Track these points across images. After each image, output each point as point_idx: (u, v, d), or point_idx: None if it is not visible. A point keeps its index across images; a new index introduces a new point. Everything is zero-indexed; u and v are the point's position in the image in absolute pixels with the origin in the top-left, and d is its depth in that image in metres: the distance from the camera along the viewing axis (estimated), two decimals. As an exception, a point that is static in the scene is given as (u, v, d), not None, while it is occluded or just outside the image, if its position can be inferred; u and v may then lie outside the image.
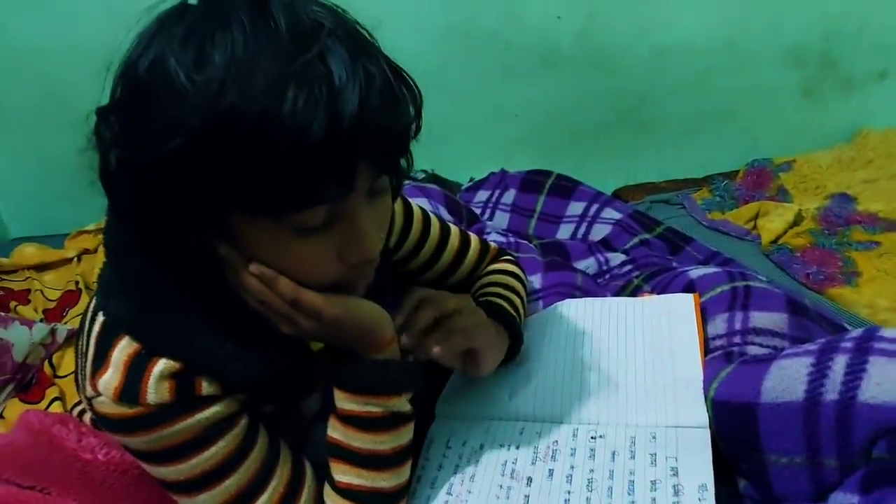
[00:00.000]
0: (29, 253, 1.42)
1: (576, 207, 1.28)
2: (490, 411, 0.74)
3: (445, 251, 0.80)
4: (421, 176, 1.69)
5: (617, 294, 0.96)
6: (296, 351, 0.59)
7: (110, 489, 0.65)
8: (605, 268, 1.08)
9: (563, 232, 1.26)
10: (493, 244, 0.89)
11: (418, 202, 0.92)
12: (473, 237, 0.86)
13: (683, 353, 0.72)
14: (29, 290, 1.36)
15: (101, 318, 0.54)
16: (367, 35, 0.50)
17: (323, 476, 0.60)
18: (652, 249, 1.17)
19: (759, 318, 0.73)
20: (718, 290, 0.79)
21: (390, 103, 0.46)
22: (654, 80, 1.74)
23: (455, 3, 1.61)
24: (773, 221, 1.39)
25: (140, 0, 0.48)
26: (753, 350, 0.70)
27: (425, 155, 1.78)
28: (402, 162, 0.54)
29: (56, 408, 1.05)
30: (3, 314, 1.19)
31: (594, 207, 1.27)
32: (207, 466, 0.54)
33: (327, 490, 0.59)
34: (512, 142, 1.79)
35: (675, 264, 1.05)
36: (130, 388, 0.51)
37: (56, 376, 1.13)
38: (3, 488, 0.61)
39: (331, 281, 0.52)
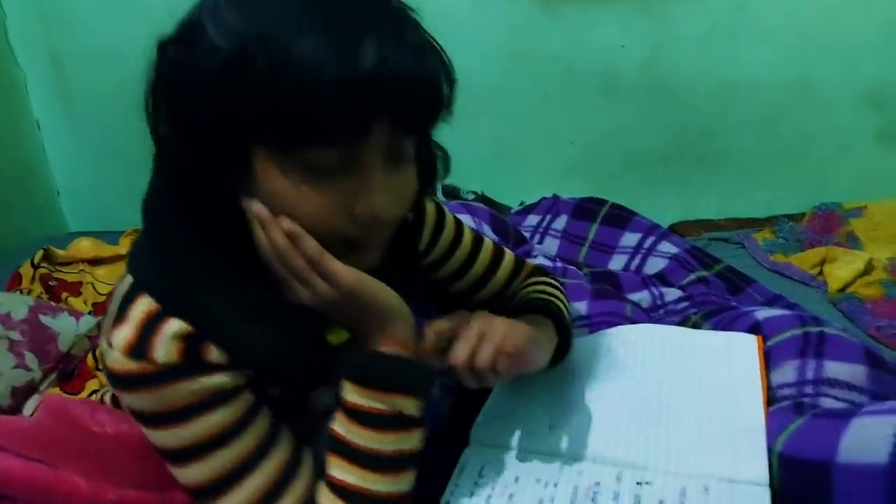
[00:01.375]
0: (84, 246, 1.45)
1: (630, 238, 1.23)
2: (528, 442, 0.70)
3: (477, 261, 0.78)
4: (471, 197, 1.68)
5: (671, 330, 0.91)
6: (310, 337, 0.58)
7: (116, 462, 0.66)
8: (659, 302, 1.03)
9: (616, 263, 1.21)
10: (530, 262, 0.85)
11: (461, 217, 0.90)
12: (509, 252, 0.83)
13: (744, 398, 0.67)
14: (81, 283, 1.39)
15: (128, 279, 0.56)
16: (408, 9, 0.53)
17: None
18: (710, 287, 1.11)
19: (835, 369, 0.67)
20: (788, 333, 0.73)
21: (415, 61, 0.48)
22: (720, 114, 1.68)
23: (520, 26, 1.60)
24: (842, 269, 1.30)
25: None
26: (828, 403, 0.64)
27: (476, 176, 1.78)
28: (433, 149, 0.58)
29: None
30: (53, 304, 1.21)
31: (649, 240, 1.22)
32: (203, 435, 0.53)
33: (320, 485, 0.57)
34: (566, 168, 1.76)
35: (735, 304, 0.99)
36: (141, 343, 0.52)
37: (97, 369, 1.14)
38: (11, 461, 0.63)
39: (337, 234, 0.52)
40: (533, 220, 1.37)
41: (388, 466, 0.56)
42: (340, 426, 0.57)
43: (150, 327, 0.52)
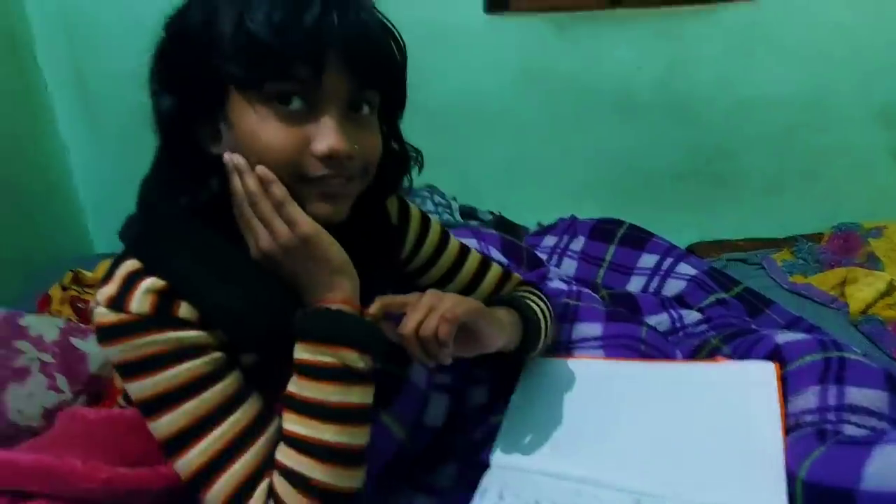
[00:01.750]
0: (110, 268, 1.48)
1: (648, 260, 1.24)
2: (547, 466, 0.70)
3: (462, 269, 0.83)
4: (488, 217, 1.69)
5: (692, 353, 0.92)
6: (276, 301, 0.62)
7: (103, 440, 0.76)
8: (678, 325, 1.03)
9: (634, 284, 1.22)
10: (517, 275, 0.89)
11: (467, 242, 0.92)
12: (496, 265, 0.87)
13: (762, 426, 0.67)
14: (107, 304, 1.42)
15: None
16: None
17: None
18: (729, 309, 1.11)
19: (856, 395, 0.67)
20: (808, 359, 0.73)
21: (354, 19, 0.56)
22: (735, 133, 1.69)
23: (534, 47, 1.62)
24: (863, 290, 1.30)
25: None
26: (850, 430, 0.64)
27: (491, 196, 1.80)
28: (405, 145, 0.68)
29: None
30: (82, 326, 1.24)
31: (668, 261, 1.22)
32: (171, 385, 0.58)
33: (280, 444, 0.60)
34: (582, 187, 1.77)
35: (755, 327, 0.99)
36: (120, 297, 0.58)
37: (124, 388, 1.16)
38: (20, 455, 0.72)
39: (302, 171, 0.58)
40: (550, 241, 1.37)
41: (336, 417, 0.59)
42: (292, 384, 0.61)
43: (130, 283, 0.58)
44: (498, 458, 0.73)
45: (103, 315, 0.58)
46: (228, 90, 0.58)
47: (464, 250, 0.84)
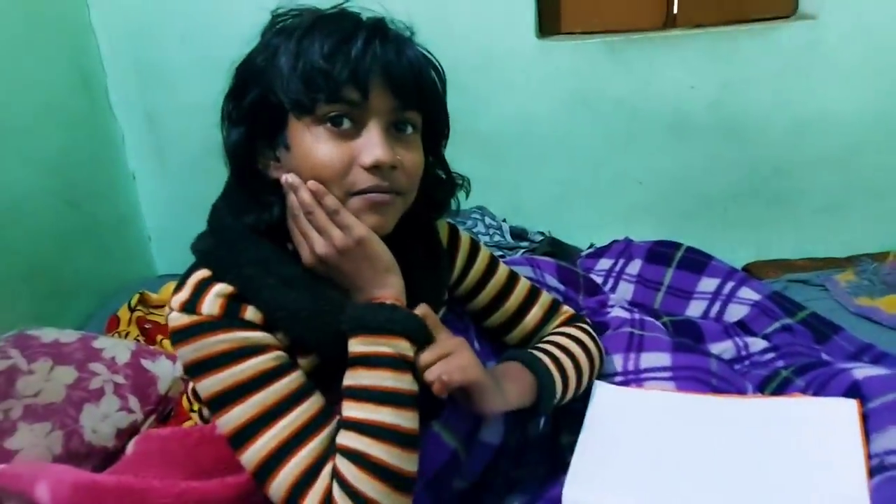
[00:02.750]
0: (174, 290, 1.54)
1: (708, 284, 1.22)
2: (622, 503, 0.70)
3: (509, 299, 0.86)
4: (539, 238, 1.69)
5: (761, 384, 0.90)
6: (336, 306, 0.67)
7: (177, 455, 0.81)
8: (744, 353, 1.01)
9: (694, 309, 1.20)
10: (568, 308, 0.90)
11: (521, 271, 0.93)
12: (546, 295, 0.89)
13: (844, 467, 0.65)
14: (171, 325, 1.47)
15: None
16: (402, 30, 0.69)
17: None
18: (795, 336, 1.08)
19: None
20: (892, 396, 0.71)
21: (395, 51, 0.64)
22: (794, 152, 1.66)
23: (585, 70, 1.63)
24: (935, 313, 1.25)
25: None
26: (939, 471, 0.62)
27: (543, 217, 1.80)
28: (450, 171, 0.75)
29: (189, 440, 1.11)
30: (151, 347, 1.29)
31: (729, 285, 1.20)
32: (237, 380, 0.63)
33: (340, 430, 0.65)
34: (634, 208, 1.76)
35: (824, 356, 0.96)
36: (192, 301, 0.65)
37: (192, 410, 1.20)
38: (104, 476, 0.77)
39: (352, 183, 0.64)
40: (605, 264, 1.36)
41: (390, 400, 0.63)
42: (347, 378, 0.65)
43: (201, 289, 0.65)
44: (570, 493, 0.72)
45: (177, 319, 0.65)
46: (287, 118, 0.66)
47: (512, 278, 0.88)
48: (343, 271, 0.66)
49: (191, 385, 1.23)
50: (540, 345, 0.83)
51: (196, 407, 1.19)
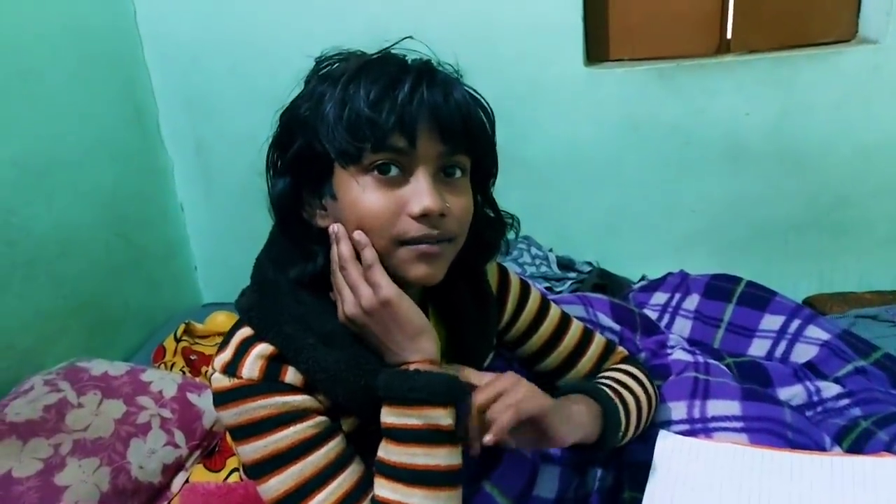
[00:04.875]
0: (220, 320, 1.54)
1: (772, 321, 1.15)
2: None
3: (561, 343, 0.83)
4: (586, 269, 1.65)
5: (838, 435, 0.83)
6: (373, 366, 0.64)
7: None
8: (815, 399, 0.95)
9: (757, 348, 1.13)
10: (622, 349, 0.86)
11: (572, 309, 0.89)
12: (599, 338, 0.86)
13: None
14: (216, 356, 1.47)
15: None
16: (452, 73, 0.66)
17: None
18: (870, 379, 1.01)
19: None
20: None
21: (442, 95, 0.62)
22: (857, 180, 1.58)
23: (635, 97, 1.59)
24: None
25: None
26: None
27: (590, 246, 1.75)
28: (498, 210, 0.72)
29: (234, 479, 1.09)
30: (197, 380, 1.28)
31: (795, 323, 1.13)
32: (277, 448, 0.62)
33: None
34: (687, 238, 1.70)
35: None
36: (233, 363, 0.63)
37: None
38: None
39: (398, 229, 0.62)
40: (660, 298, 1.31)
41: (422, 480, 0.60)
42: (381, 449, 0.63)
43: (243, 350, 0.64)
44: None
45: (218, 381, 0.64)
46: (333, 167, 0.63)
47: (564, 321, 0.84)
48: (372, 332, 0.64)
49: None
50: (597, 380, 0.79)
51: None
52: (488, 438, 0.61)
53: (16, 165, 1.27)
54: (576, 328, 0.84)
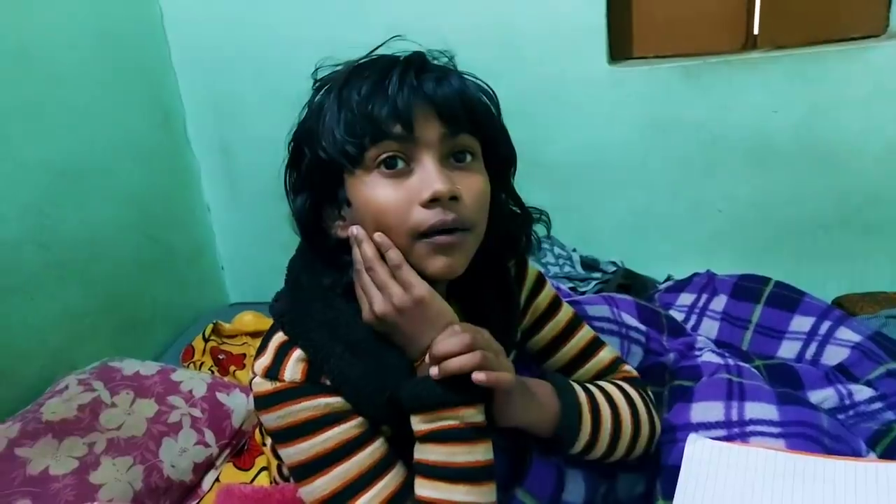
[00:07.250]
0: (247, 320, 1.56)
1: (801, 323, 1.14)
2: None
3: (567, 344, 0.81)
4: (611, 269, 1.64)
5: (871, 439, 0.82)
6: (396, 376, 0.64)
7: None
8: (847, 402, 0.93)
9: (787, 350, 1.12)
10: (630, 368, 0.83)
11: (597, 309, 0.87)
12: (609, 349, 0.83)
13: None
14: (245, 355, 1.49)
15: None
16: (448, 63, 0.68)
17: None
18: (903, 382, 0.99)
19: None
20: None
21: (434, 81, 0.62)
22: (888, 178, 1.55)
23: (659, 95, 1.57)
24: None
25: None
26: None
27: (615, 246, 1.74)
28: (521, 204, 0.73)
29: (263, 478, 1.11)
30: (226, 380, 1.30)
31: (825, 325, 1.11)
32: (324, 448, 0.62)
33: None
34: (713, 238, 1.68)
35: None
36: (274, 367, 0.64)
37: (263, 444, 1.20)
38: None
39: (413, 221, 0.61)
40: (686, 299, 1.29)
41: (464, 476, 0.61)
42: (417, 451, 0.63)
43: (282, 353, 0.65)
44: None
45: (260, 385, 0.65)
46: (344, 175, 0.64)
47: (575, 323, 0.83)
48: (402, 330, 0.64)
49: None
50: (587, 383, 0.77)
51: (269, 441, 1.20)
52: (434, 371, 0.60)
53: (48, 169, 1.30)
54: (586, 332, 0.83)
